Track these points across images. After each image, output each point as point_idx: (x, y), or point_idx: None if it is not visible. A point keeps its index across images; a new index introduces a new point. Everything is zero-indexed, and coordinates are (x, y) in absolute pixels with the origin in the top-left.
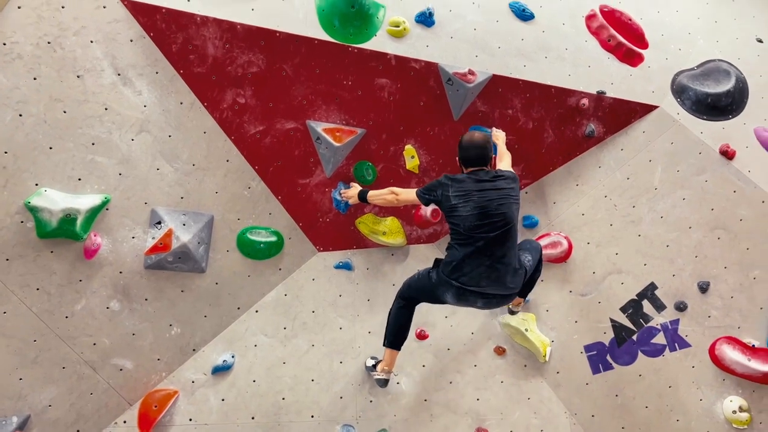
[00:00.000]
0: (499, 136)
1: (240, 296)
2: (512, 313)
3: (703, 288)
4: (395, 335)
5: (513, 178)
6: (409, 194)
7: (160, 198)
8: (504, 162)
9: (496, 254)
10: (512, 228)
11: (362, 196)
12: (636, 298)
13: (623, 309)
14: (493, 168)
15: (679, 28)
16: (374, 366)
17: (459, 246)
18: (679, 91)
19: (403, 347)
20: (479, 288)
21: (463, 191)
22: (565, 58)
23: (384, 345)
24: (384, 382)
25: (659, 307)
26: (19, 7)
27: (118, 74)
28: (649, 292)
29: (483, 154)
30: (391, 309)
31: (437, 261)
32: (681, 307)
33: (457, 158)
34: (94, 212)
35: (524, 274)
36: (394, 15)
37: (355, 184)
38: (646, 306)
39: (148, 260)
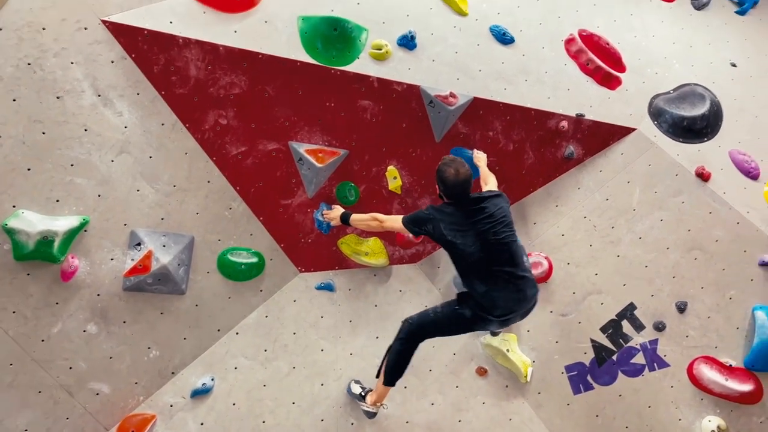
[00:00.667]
0: (480, 158)
1: (220, 318)
2: (494, 334)
3: (681, 308)
4: (397, 373)
5: (499, 195)
6: (394, 222)
7: (140, 219)
8: (489, 184)
9: (514, 275)
10: (515, 244)
11: (345, 218)
12: (616, 318)
13: (603, 329)
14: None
15: (656, 53)
16: (362, 396)
17: (478, 280)
18: (656, 114)
19: None
20: (513, 313)
21: (456, 226)
22: (545, 81)
23: (384, 384)
24: (374, 415)
25: (638, 327)
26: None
27: (99, 95)
28: (628, 312)
29: (467, 189)
30: (392, 348)
31: (461, 296)
32: (659, 327)
33: (437, 186)
34: (72, 234)
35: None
36: (376, 38)
37: (338, 206)
38: (626, 326)
39: (127, 282)
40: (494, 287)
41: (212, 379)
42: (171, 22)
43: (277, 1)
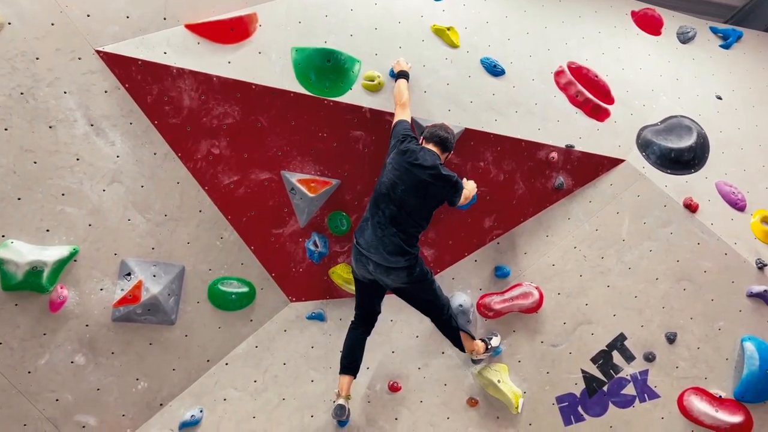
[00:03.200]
0: (468, 186)
1: (210, 348)
2: (474, 361)
3: (671, 339)
4: (348, 359)
5: (451, 181)
6: (396, 116)
7: (131, 249)
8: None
9: (387, 229)
10: (411, 221)
11: (403, 75)
12: (606, 348)
13: (594, 360)
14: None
15: (643, 85)
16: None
17: (369, 210)
18: (644, 145)
19: (375, 401)
20: (370, 253)
21: (396, 165)
22: (535, 112)
23: (340, 372)
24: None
25: (629, 357)
26: None
27: (91, 125)
28: (618, 343)
29: (445, 139)
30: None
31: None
32: (650, 357)
33: (421, 135)
34: (62, 264)
35: (412, 264)
36: (369, 69)
37: (404, 63)
38: (616, 357)
39: (116, 312)
40: (370, 222)
41: (201, 411)
42: (165, 53)
43: (271, 32)
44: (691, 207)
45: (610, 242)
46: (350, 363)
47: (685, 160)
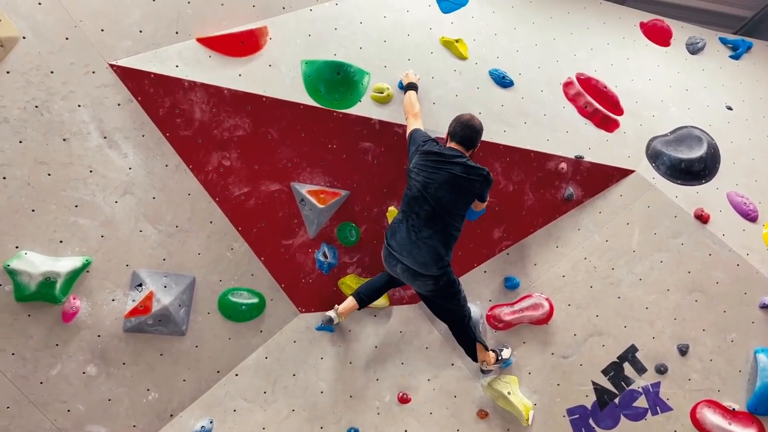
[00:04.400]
0: None
1: (220, 359)
2: (483, 372)
3: (683, 350)
4: (368, 296)
5: (480, 176)
6: (409, 126)
7: (142, 260)
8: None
9: (421, 233)
10: (445, 220)
11: (411, 87)
12: (617, 360)
13: (605, 371)
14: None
15: (653, 96)
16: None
17: (402, 213)
18: (653, 156)
19: (385, 412)
20: (402, 257)
21: (424, 167)
22: (544, 123)
23: (352, 297)
24: (331, 322)
25: (640, 369)
26: (7, 72)
27: (105, 137)
28: (630, 355)
29: (471, 136)
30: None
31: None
32: (662, 369)
33: (448, 130)
34: (75, 275)
35: (443, 273)
36: (378, 81)
37: (413, 75)
38: (627, 369)
39: (128, 323)
40: (406, 228)
41: (211, 422)
42: (177, 66)
43: (282, 45)
44: (702, 218)
45: (621, 253)
46: (367, 297)
47: (695, 171)
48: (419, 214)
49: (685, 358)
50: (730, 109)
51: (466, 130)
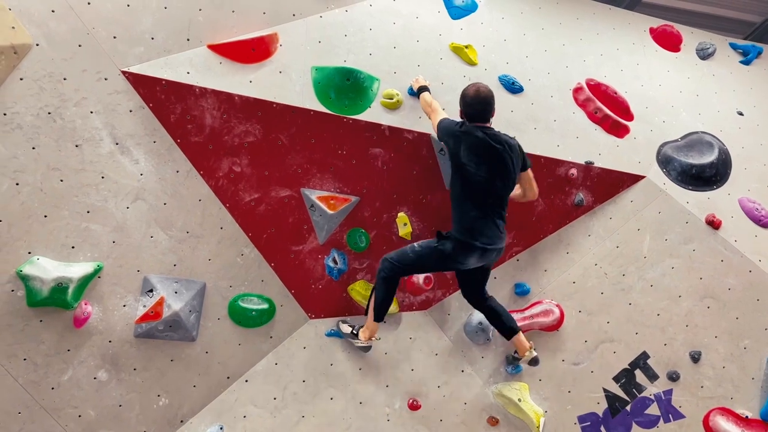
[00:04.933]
0: None
1: (230, 365)
2: (515, 360)
3: (695, 357)
4: (384, 309)
5: (516, 145)
6: (434, 119)
7: (153, 265)
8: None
9: (500, 216)
10: (506, 192)
11: (422, 90)
12: (629, 367)
13: (616, 378)
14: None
15: (663, 101)
16: (354, 334)
17: (473, 205)
18: (664, 161)
19: (395, 419)
20: (493, 245)
21: (474, 155)
22: (554, 129)
23: (375, 321)
24: (369, 349)
25: (652, 376)
26: (21, 79)
27: (117, 143)
28: (641, 362)
29: (488, 110)
30: (376, 286)
31: (441, 234)
32: (674, 377)
33: (460, 110)
34: (86, 280)
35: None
36: (388, 87)
37: (422, 80)
38: (639, 375)
39: (139, 329)
40: (483, 217)
41: (221, 428)
42: (188, 73)
43: (292, 52)
44: (713, 224)
45: (632, 259)
46: (385, 312)
47: (706, 177)
48: (494, 203)
49: (698, 365)
50: (741, 114)
51: (481, 105)
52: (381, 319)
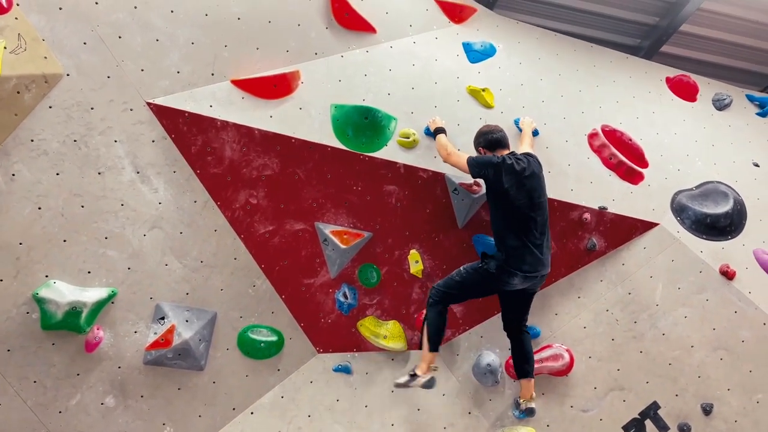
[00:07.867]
0: (526, 122)
1: (236, 396)
2: (520, 406)
3: (707, 410)
4: (438, 338)
5: (540, 164)
6: (459, 159)
7: (166, 293)
8: (525, 144)
9: (541, 241)
10: (546, 213)
11: (439, 131)
12: (638, 417)
13: (626, 428)
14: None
15: (678, 150)
16: (413, 375)
17: (514, 235)
18: (678, 210)
19: None
20: (537, 272)
21: (513, 174)
22: (568, 173)
23: (430, 351)
24: (432, 381)
25: (662, 428)
26: (50, 107)
27: (138, 172)
28: (652, 412)
29: (505, 136)
30: (427, 316)
31: (485, 255)
32: (684, 429)
33: (479, 147)
34: (100, 305)
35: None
36: (404, 127)
37: (439, 121)
38: (649, 426)
39: (148, 356)
40: (524, 247)
41: None
42: (211, 106)
43: (313, 89)
44: (727, 274)
45: (644, 306)
46: (440, 341)
47: (721, 226)
48: (536, 230)
49: (709, 418)
50: (757, 165)
51: (500, 133)
52: (436, 349)
